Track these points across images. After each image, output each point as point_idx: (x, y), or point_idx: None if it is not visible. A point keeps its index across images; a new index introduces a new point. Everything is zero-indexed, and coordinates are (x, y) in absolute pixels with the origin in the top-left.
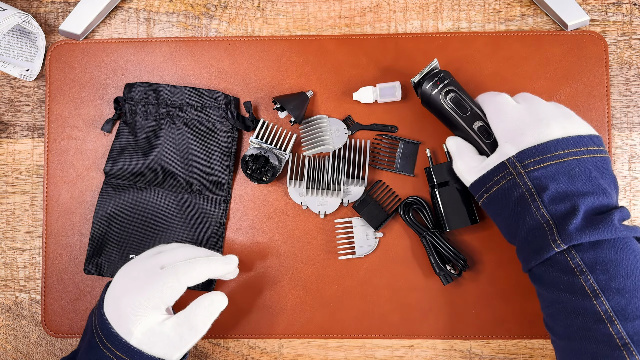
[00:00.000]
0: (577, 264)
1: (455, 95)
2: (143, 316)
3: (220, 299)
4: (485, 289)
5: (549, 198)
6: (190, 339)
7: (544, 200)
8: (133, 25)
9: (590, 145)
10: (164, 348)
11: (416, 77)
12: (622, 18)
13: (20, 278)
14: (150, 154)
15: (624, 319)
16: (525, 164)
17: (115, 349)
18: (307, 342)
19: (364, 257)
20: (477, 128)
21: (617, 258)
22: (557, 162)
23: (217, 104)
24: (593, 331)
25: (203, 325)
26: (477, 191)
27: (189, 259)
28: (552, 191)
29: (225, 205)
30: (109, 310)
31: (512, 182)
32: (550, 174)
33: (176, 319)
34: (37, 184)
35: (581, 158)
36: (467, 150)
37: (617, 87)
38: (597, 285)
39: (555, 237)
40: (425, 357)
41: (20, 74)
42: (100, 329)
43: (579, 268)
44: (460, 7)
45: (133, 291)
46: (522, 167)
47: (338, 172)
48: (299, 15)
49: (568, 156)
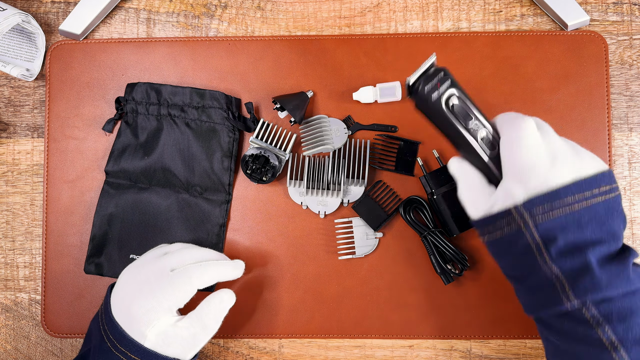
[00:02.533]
0: (593, 316)
1: (458, 100)
2: (156, 319)
3: (229, 296)
4: (485, 288)
5: (557, 252)
6: (203, 337)
7: (552, 254)
8: (133, 25)
9: (602, 185)
10: (178, 348)
11: (412, 77)
12: (622, 18)
13: (20, 278)
14: (151, 154)
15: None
16: (533, 212)
17: (130, 352)
18: (307, 342)
19: (364, 257)
20: (480, 139)
21: (633, 306)
22: (567, 212)
23: (218, 104)
24: None
25: (215, 323)
26: (479, 229)
27: (199, 262)
28: (560, 244)
29: (226, 206)
30: (119, 314)
31: (517, 232)
32: (559, 225)
33: (188, 319)
34: (37, 184)
35: (592, 204)
36: (473, 178)
37: (617, 87)
38: (615, 337)
39: (567, 293)
40: (425, 357)
41: (20, 74)
42: (112, 333)
43: (595, 320)
44: (460, 7)
45: (145, 294)
46: (529, 215)
47: (338, 172)
48: (299, 15)
49: (578, 203)
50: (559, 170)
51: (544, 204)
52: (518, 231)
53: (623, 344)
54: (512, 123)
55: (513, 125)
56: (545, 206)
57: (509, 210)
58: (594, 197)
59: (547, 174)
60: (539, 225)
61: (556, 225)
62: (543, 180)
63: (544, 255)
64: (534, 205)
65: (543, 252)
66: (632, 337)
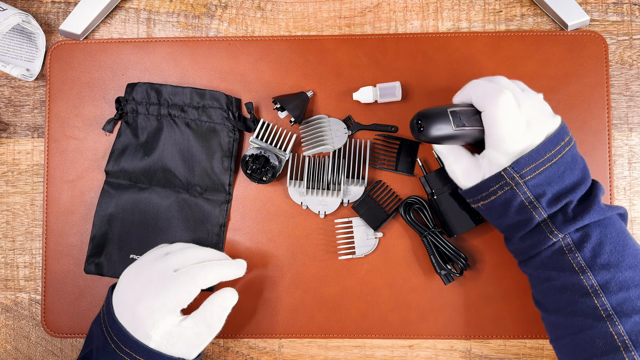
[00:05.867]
0: (567, 244)
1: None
2: (161, 320)
3: (232, 295)
4: (485, 288)
5: (547, 202)
6: (207, 336)
7: (543, 206)
8: (133, 25)
9: (564, 137)
10: (183, 348)
11: None
12: (622, 18)
13: (20, 278)
14: (151, 154)
15: (608, 292)
16: (522, 173)
17: (135, 353)
18: (307, 342)
19: (364, 257)
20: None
21: (602, 236)
22: (548, 166)
23: (218, 104)
24: (580, 304)
25: (219, 321)
26: (472, 197)
27: (202, 262)
28: (549, 196)
29: (226, 206)
30: (122, 316)
31: (511, 193)
32: (545, 180)
33: (192, 319)
34: (37, 184)
35: (564, 154)
36: (459, 151)
37: (617, 87)
38: (584, 262)
39: (551, 229)
40: (425, 357)
41: (20, 74)
42: (116, 335)
43: (568, 247)
44: (460, 7)
45: (149, 296)
46: (519, 177)
47: (338, 172)
48: (299, 15)
49: (554, 157)
50: (535, 132)
51: (529, 164)
52: (511, 191)
53: (591, 268)
54: (491, 98)
55: (493, 101)
56: (531, 166)
57: (500, 174)
58: (563, 149)
59: (526, 138)
60: (528, 183)
61: (543, 181)
62: (524, 144)
63: (538, 208)
64: (521, 166)
65: (536, 205)
66: (600, 262)
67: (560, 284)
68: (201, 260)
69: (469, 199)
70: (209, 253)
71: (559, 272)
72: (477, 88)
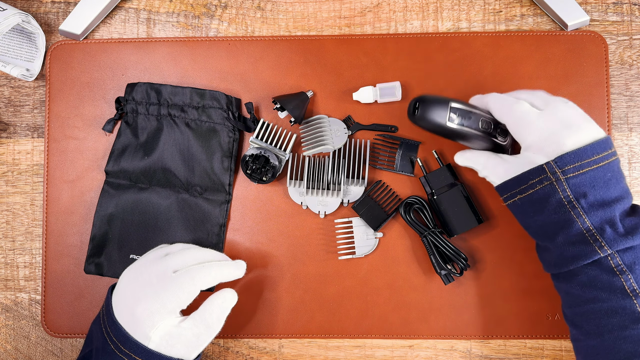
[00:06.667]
0: (617, 264)
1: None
2: (160, 321)
3: (231, 296)
4: (485, 288)
5: (588, 206)
6: (206, 337)
7: (584, 208)
8: (133, 25)
9: (612, 147)
10: (182, 349)
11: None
12: (622, 18)
13: (20, 278)
14: (151, 154)
15: None
16: (565, 170)
17: (134, 354)
18: (307, 342)
19: (364, 257)
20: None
21: None
22: (594, 168)
23: (218, 104)
24: (630, 330)
25: (218, 322)
26: (509, 190)
27: (201, 263)
28: (590, 199)
29: (226, 206)
30: (122, 317)
31: (550, 188)
32: (588, 181)
33: (192, 320)
34: (37, 184)
35: (611, 161)
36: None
37: (617, 87)
38: (637, 286)
39: (600, 243)
40: (425, 357)
41: (20, 74)
42: (115, 336)
43: (619, 268)
44: (460, 7)
45: (149, 297)
46: (561, 173)
47: (338, 172)
48: (299, 15)
49: (602, 161)
50: (581, 133)
51: (574, 162)
52: (550, 186)
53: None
54: (508, 110)
55: (510, 111)
56: (575, 164)
57: (542, 167)
58: (611, 156)
59: (572, 138)
60: (570, 181)
61: (586, 182)
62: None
63: (577, 209)
64: (565, 162)
65: (576, 205)
66: None
67: (609, 307)
68: (201, 261)
69: (505, 193)
70: (209, 254)
71: (609, 294)
72: (496, 101)
